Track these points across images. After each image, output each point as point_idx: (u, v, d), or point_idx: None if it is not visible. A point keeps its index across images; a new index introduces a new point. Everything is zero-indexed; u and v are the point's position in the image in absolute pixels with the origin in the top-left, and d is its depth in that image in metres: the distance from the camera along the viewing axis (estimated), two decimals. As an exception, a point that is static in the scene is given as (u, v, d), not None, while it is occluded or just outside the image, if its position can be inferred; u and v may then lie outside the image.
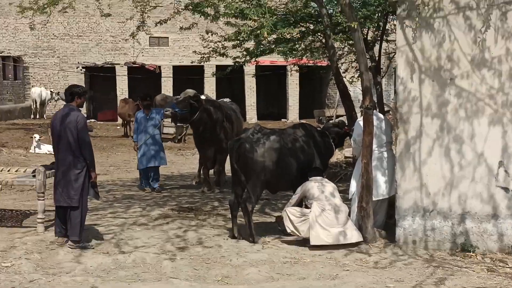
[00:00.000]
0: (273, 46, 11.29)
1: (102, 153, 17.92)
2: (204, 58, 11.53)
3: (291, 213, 7.47)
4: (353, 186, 7.88)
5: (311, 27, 11.03)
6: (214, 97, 27.28)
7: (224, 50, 11.54)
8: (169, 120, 11.68)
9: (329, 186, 7.59)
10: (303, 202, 7.77)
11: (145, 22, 9.89)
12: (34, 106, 29.22)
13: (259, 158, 7.61)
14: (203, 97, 11.48)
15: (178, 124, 19.88)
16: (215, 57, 11.65)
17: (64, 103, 7.54)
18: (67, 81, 29.67)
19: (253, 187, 7.64)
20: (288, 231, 7.52)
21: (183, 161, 16.86)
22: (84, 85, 25.89)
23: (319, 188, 7.50)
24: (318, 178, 7.67)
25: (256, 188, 7.66)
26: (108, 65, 30.16)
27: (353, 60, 13.10)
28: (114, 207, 9.80)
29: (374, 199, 7.60)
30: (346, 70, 13.26)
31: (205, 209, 9.66)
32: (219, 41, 11.59)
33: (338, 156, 14.25)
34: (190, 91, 10.82)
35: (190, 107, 10.61)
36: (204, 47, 11.95)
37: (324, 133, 8.46)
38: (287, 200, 10.25)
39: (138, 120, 11.46)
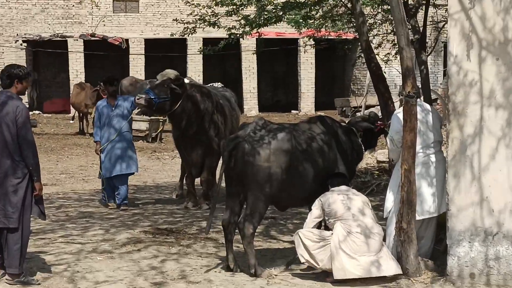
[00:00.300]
0: (281, 12, 11.29)
1: (50, 156, 17.93)
2: (188, 29, 11.53)
3: (306, 236, 7.46)
4: (390, 200, 7.88)
5: (333, -14, 11.04)
6: (200, 82, 27.31)
7: (215, 19, 11.55)
8: (140, 111, 11.65)
9: (358, 200, 7.59)
10: (321, 222, 7.76)
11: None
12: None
13: (262, 164, 7.62)
14: (186, 80, 11.48)
15: (153, 117, 19.91)
16: (203, 28, 11.65)
17: (0, 89, 7.53)
18: (3, 60, 29.69)
19: (254, 203, 7.64)
20: (302, 260, 7.52)
21: (159, 167, 16.87)
22: (25, 65, 25.89)
23: (344, 202, 7.50)
24: (343, 188, 7.67)
25: (259, 203, 7.66)
26: (58, 38, 30.17)
27: (389, 31, 13.10)
28: (67, 228, 9.80)
29: (418, 218, 7.60)
30: (379, 45, 13.28)
31: (190, 231, 9.67)
32: (208, 6, 11.60)
33: (368, 160, 14.26)
34: (171, 72, 10.83)
35: (171, 94, 10.62)
36: (187, 15, 11.97)
37: (350, 129, 8.45)
38: (300, 219, 10.28)
39: (100, 112, 11.46)
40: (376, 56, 10.13)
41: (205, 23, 11.51)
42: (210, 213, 7.91)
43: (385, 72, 10.85)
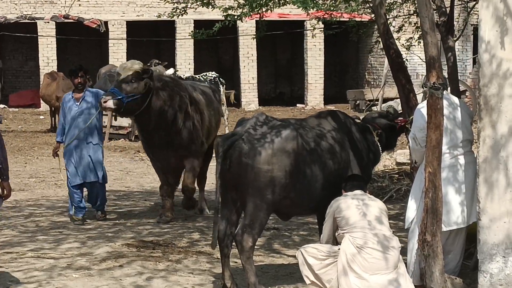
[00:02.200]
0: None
1: (17, 157, 17.90)
2: (178, 10, 11.52)
3: (310, 254, 7.44)
4: (412, 209, 7.88)
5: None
6: (191, 71, 27.33)
7: (209, -3, 11.52)
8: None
9: (375, 207, 7.57)
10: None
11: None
12: None
13: (263, 166, 7.61)
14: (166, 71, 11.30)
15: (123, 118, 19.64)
16: (195, 8, 11.64)
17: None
18: (-38, 45, 29.69)
19: (254, 211, 7.64)
20: (308, 282, 7.51)
21: (143, 169, 16.82)
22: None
23: (360, 208, 7.49)
24: (358, 192, 7.66)
25: (259, 212, 7.66)
26: (26, 20, 30.16)
27: (412, 12, 13.09)
28: (38, 241, 9.79)
29: (444, 229, 7.60)
30: (400, 29, 13.27)
31: (180, 244, 9.68)
32: (202, -18, 11.57)
33: (386, 162, 14.27)
34: (136, 63, 10.44)
35: (144, 88, 10.34)
36: (176, -7, 11.94)
37: (365, 127, 8.46)
38: (308, 230, 10.29)
39: (65, 107, 11.21)
40: (396, 41, 10.13)
41: (198, 2, 11.48)
42: (213, 225, 7.78)
43: (406, 60, 10.86)
